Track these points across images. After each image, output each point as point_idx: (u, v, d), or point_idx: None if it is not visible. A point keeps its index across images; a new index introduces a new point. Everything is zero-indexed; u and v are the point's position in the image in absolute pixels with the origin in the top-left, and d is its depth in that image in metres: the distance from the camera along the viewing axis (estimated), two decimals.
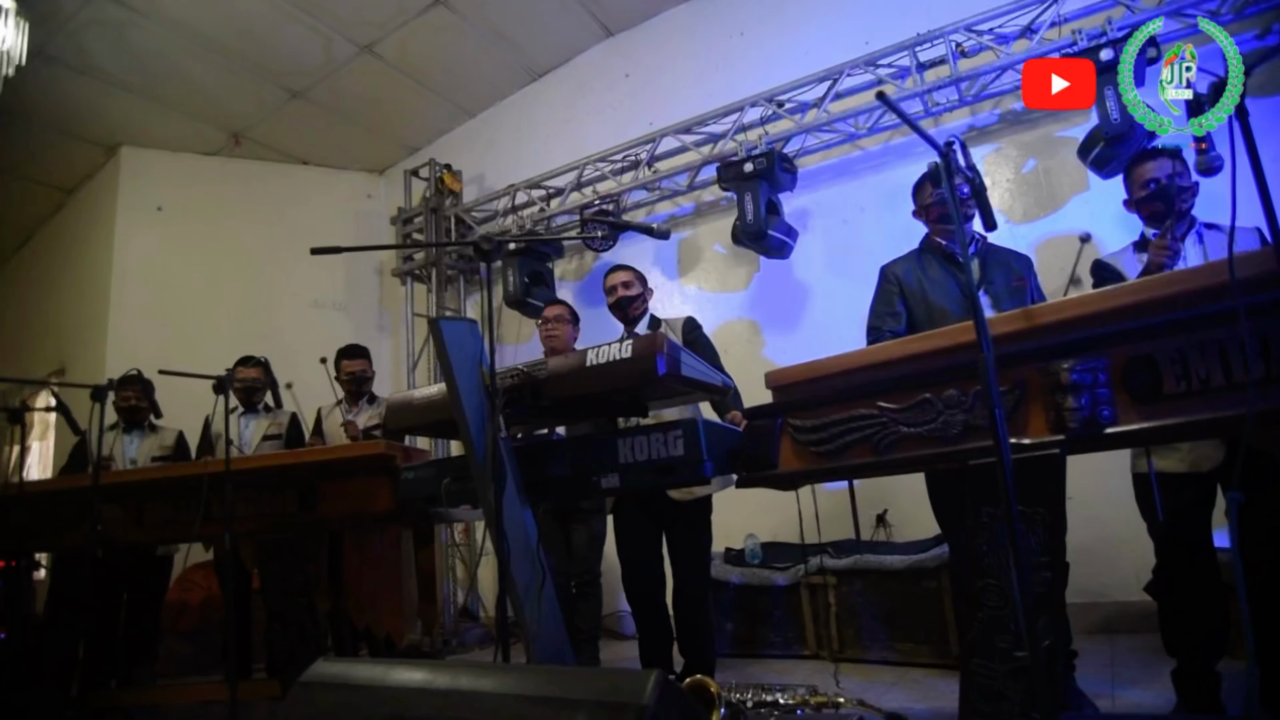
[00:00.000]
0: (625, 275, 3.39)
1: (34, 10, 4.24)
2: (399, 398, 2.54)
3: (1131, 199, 2.55)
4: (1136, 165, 2.54)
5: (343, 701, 1.32)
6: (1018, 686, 1.62)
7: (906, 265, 2.77)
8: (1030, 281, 2.66)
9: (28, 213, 7.32)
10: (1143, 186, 2.48)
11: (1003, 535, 1.67)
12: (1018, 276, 2.64)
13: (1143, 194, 2.48)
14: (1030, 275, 2.69)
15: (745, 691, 2.02)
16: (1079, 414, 1.61)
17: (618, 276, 3.39)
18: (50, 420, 6.19)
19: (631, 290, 3.34)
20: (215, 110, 6.11)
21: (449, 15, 5.35)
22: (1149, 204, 2.47)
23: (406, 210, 6.36)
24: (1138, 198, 2.51)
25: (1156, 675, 2.68)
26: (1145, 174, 2.48)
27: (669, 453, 2.03)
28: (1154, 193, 2.44)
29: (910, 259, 2.79)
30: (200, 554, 4.56)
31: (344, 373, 4.14)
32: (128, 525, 3.34)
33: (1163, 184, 2.42)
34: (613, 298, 3.36)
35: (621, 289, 3.34)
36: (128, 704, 3.66)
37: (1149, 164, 2.49)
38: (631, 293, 3.33)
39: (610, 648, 4.62)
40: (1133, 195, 2.54)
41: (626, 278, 3.38)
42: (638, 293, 3.35)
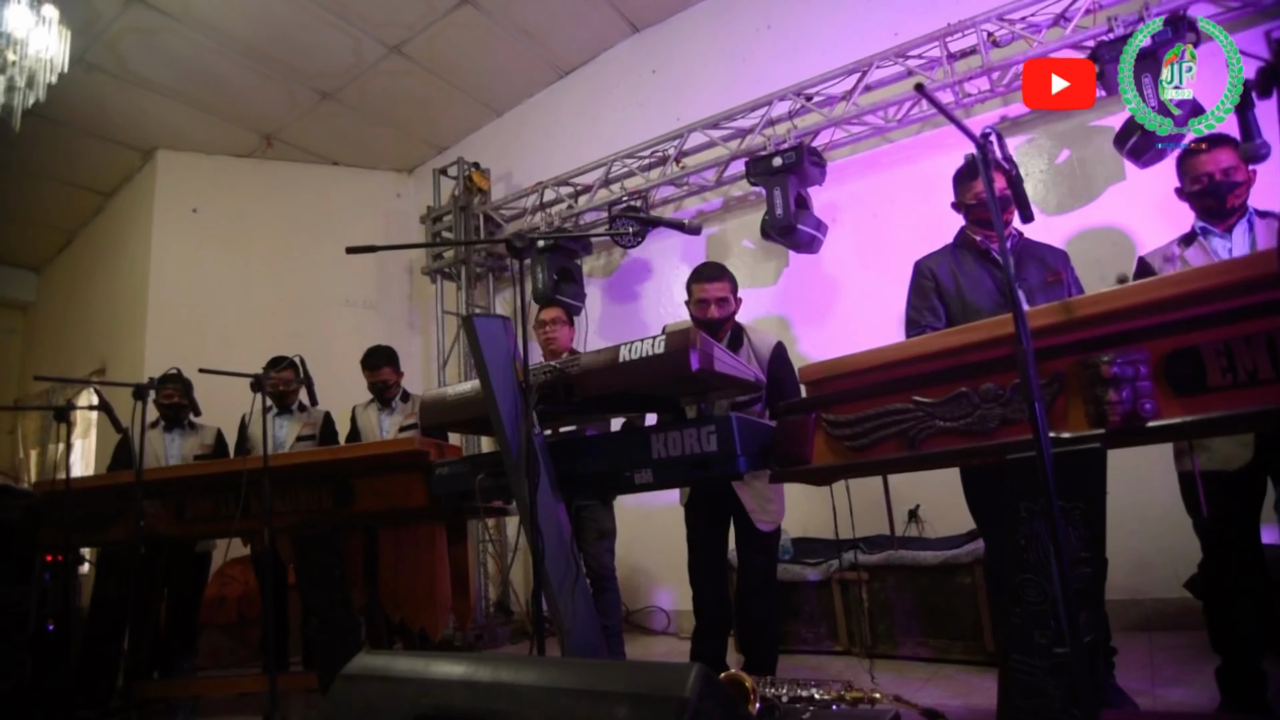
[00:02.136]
0: (721, 288, 2.88)
1: (74, 18, 4.33)
2: (433, 395, 2.57)
3: (1184, 190, 2.48)
4: (1191, 156, 2.46)
5: (386, 693, 1.34)
6: (1058, 683, 1.61)
7: (941, 261, 2.73)
8: (1066, 275, 2.62)
9: (68, 216, 7.49)
10: (1195, 180, 2.41)
11: (1042, 530, 1.66)
12: (1052, 272, 2.59)
13: (1195, 188, 2.42)
14: (1067, 269, 2.64)
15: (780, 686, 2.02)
16: (1120, 407, 1.59)
17: (714, 289, 2.89)
18: (92, 418, 6.32)
19: (727, 309, 2.93)
20: (248, 113, 6.21)
21: (476, 14, 5.38)
22: (1201, 199, 2.41)
23: (436, 209, 6.41)
24: (1190, 191, 2.45)
25: (1197, 673, 2.64)
26: (1199, 167, 2.41)
27: (703, 448, 2.03)
28: (1206, 189, 2.38)
29: (945, 254, 2.75)
30: (238, 549, 4.65)
31: (367, 381, 4.19)
32: (169, 521, 3.42)
33: (1215, 181, 2.36)
34: (702, 314, 2.92)
35: (716, 309, 2.90)
36: (170, 695, 3.75)
37: (1203, 157, 2.41)
38: (727, 311, 2.93)
39: (639, 642, 4.65)
40: (1185, 187, 2.47)
41: (722, 291, 2.88)
42: (730, 311, 2.95)
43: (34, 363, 8.12)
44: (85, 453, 6.96)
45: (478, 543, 5.68)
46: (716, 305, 2.90)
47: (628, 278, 5.66)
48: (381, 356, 4.18)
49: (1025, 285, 2.54)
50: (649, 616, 5.02)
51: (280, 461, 3.21)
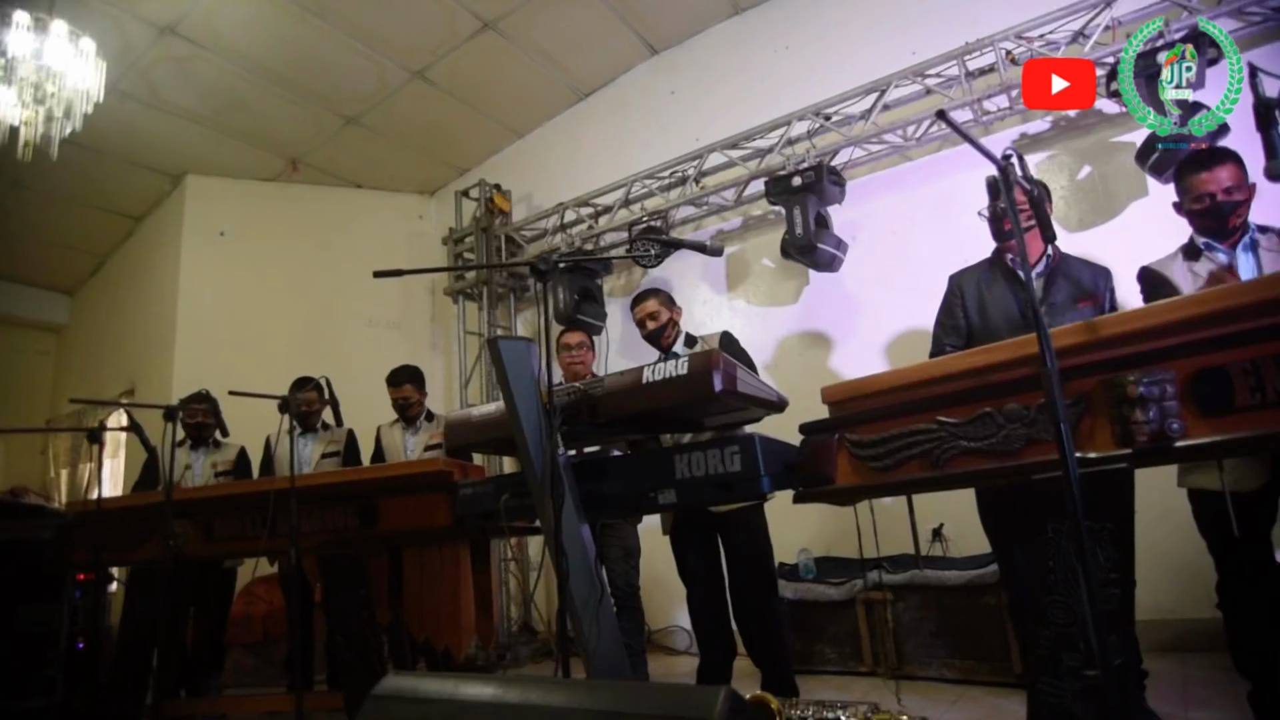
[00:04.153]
0: (650, 305, 3.30)
1: (109, 49, 4.45)
2: (458, 416, 2.60)
3: (1183, 206, 2.44)
4: (1191, 173, 2.41)
5: (415, 715, 1.36)
6: (1088, 706, 1.59)
7: (972, 276, 2.73)
8: (1103, 296, 2.55)
9: (100, 240, 7.65)
10: (1196, 199, 2.37)
11: (1069, 551, 1.65)
12: (1085, 293, 2.53)
13: (1195, 206, 2.38)
14: (1105, 288, 2.57)
15: (805, 708, 2.01)
16: (1148, 427, 1.58)
17: (644, 308, 3.31)
18: (121, 439, 6.42)
19: (660, 320, 3.28)
20: (274, 138, 6.33)
21: (497, 39, 5.47)
22: (1202, 219, 2.37)
23: (458, 230, 6.49)
24: (1190, 208, 2.40)
25: (1231, 695, 2.59)
26: (1200, 187, 2.36)
27: (726, 468, 2.04)
28: (1209, 209, 2.34)
29: (978, 269, 2.74)
30: (265, 568, 4.69)
31: (391, 398, 4.23)
32: (198, 540, 3.46)
33: (1217, 201, 2.32)
34: (644, 330, 3.31)
35: (650, 321, 3.28)
36: (198, 713, 3.78)
37: (1203, 175, 2.36)
38: (660, 322, 3.27)
39: (661, 662, 4.62)
40: (1184, 203, 2.43)
41: (652, 307, 3.30)
42: (666, 319, 3.28)
43: (65, 384, 8.27)
44: (114, 472, 7.06)
45: (500, 562, 5.70)
46: (650, 319, 3.27)
47: None
48: (405, 374, 4.22)
49: (1051, 306, 2.53)
50: (671, 636, 5.00)
51: (307, 482, 3.25)
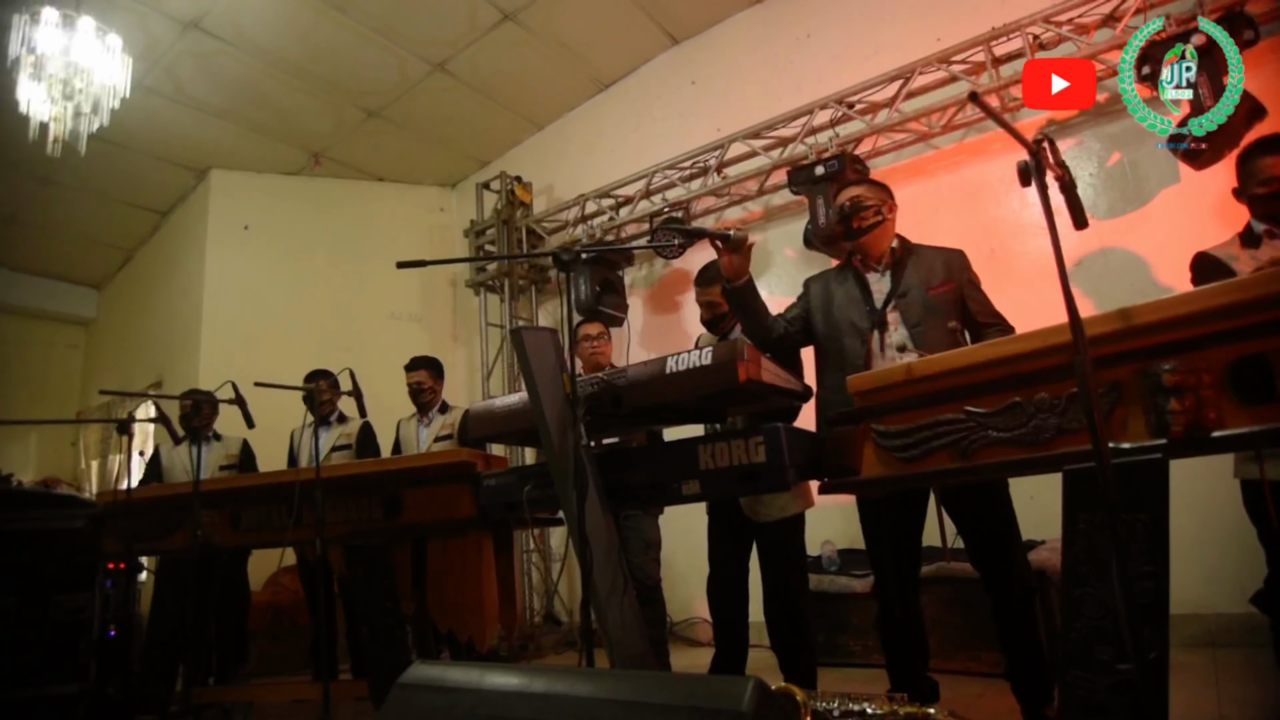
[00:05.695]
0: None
1: (134, 45, 4.50)
2: (481, 407, 2.61)
3: (1243, 191, 2.39)
4: (1258, 157, 2.36)
5: (442, 704, 1.36)
6: (1121, 700, 1.56)
7: (821, 280, 2.81)
8: (959, 276, 2.50)
9: (127, 235, 7.76)
10: (1262, 183, 2.31)
11: (1101, 543, 1.62)
12: (939, 279, 2.48)
13: (1260, 190, 2.32)
14: (960, 268, 2.52)
15: (831, 700, 1.99)
16: (1183, 417, 1.55)
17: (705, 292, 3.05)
18: (149, 431, 6.51)
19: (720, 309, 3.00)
20: (297, 132, 6.38)
21: (517, 30, 5.46)
22: (1268, 203, 2.31)
23: (479, 222, 6.51)
24: (1253, 193, 2.34)
25: (1265, 692, 2.55)
26: (1267, 170, 2.30)
27: (750, 459, 2.02)
28: (1277, 192, 2.28)
29: (830, 273, 2.82)
30: (290, 558, 4.74)
31: (406, 384, 4.26)
32: (225, 530, 3.51)
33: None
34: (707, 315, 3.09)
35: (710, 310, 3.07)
36: (225, 701, 3.84)
37: (1272, 159, 2.31)
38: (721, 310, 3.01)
39: (683, 654, 4.62)
40: (1246, 188, 2.37)
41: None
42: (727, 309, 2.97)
43: (95, 377, 8.40)
44: (142, 464, 7.16)
45: (522, 552, 5.72)
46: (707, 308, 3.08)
47: (669, 288, 5.66)
48: (421, 361, 4.27)
49: (901, 298, 2.49)
50: (693, 628, 4.99)
51: (331, 473, 3.28)
